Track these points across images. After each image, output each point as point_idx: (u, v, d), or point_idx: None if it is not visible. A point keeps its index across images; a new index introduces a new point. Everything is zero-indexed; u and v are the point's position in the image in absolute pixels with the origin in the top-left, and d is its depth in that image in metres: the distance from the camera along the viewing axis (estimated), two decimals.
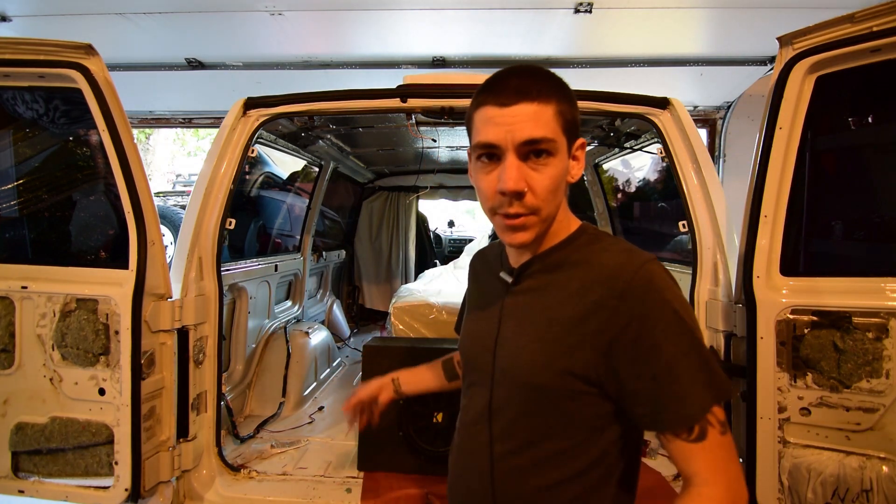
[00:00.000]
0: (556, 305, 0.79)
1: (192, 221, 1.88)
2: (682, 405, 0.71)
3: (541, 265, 0.84)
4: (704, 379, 0.71)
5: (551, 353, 0.77)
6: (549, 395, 0.78)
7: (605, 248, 0.80)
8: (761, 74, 3.36)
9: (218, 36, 3.03)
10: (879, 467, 1.35)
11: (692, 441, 0.71)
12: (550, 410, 0.79)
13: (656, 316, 0.71)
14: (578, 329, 0.75)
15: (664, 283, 0.74)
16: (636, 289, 0.72)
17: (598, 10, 2.61)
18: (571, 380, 0.76)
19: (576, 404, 0.77)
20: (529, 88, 0.73)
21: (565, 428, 0.78)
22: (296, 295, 3.61)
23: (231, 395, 2.60)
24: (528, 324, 0.82)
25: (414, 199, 5.19)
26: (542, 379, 0.78)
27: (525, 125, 0.72)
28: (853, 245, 1.58)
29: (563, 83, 0.78)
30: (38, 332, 1.63)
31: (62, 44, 1.49)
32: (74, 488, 1.64)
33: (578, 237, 0.84)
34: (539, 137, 0.73)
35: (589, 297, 0.75)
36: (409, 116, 2.43)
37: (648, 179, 3.29)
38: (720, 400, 0.72)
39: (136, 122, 4.54)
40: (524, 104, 0.73)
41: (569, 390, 0.76)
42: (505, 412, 0.83)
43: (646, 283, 0.73)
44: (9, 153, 1.75)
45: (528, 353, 0.80)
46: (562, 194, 0.80)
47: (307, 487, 1.93)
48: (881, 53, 1.32)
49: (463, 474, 0.90)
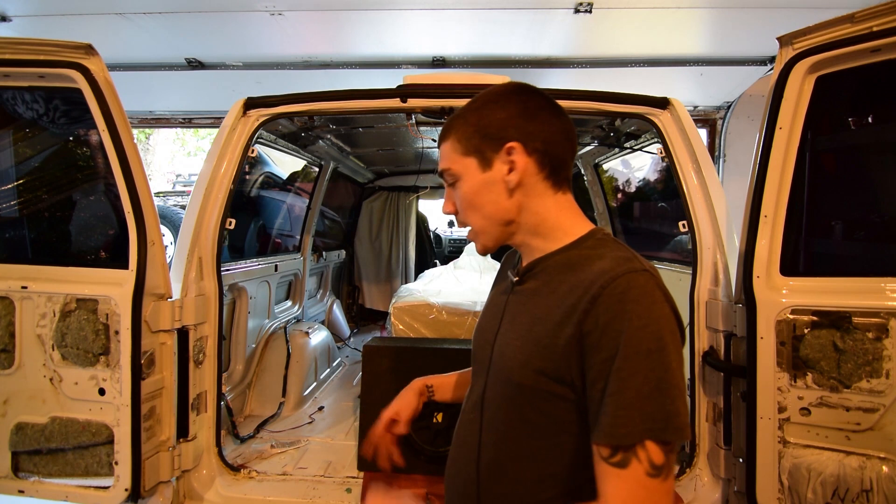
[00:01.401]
0: (542, 306, 0.80)
1: (192, 221, 1.88)
2: (610, 422, 0.67)
3: (542, 266, 0.86)
4: (647, 408, 0.66)
5: (530, 352, 0.78)
6: (526, 393, 0.79)
7: (602, 255, 0.78)
8: (761, 74, 3.36)
9: (218, 36, 3.03)
10: (879, 467, 1.35)
11: (610, 462, 0.67)
12: (527, 409, 0.80)
13: (618, 328, 0.68)
14: (555, 330, 0.75)
15: (641, 296, 0.70)
16: (609, 296, 0.70)
17: (598, 10, 2.61)
18: (545, 380, 0.76)
19: (549, 405, 0.77)
20: (441, 134, 0.91)
21: (538, 427, 0.79)
22: (296, 295, 3.61)
23: (231, 395, 2.60)
24: (518, 322, 0.84)
25: (414, 199, 5.19)
26: (519, 376, 0.80)
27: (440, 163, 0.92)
28: (853, 245, 1.58)
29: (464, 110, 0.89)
30: (38, 332, 1.63)
31: (62, 44, 1.49)
32: (74, 488, 1.64)
33: (584, 241, 0.84)
34: (442, 169, 0.91)
35: (568, 300, 0.75)
36: (409, 116, 2.43)
37: (648, 179, 3.29)
38: (658, 438, 0.65)
39: (136, 122, 4.55)
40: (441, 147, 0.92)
41: (543, 390, 0.77)
42: (491, 404, 0.87)
43: (620, 292, 0.70)
44: (9, 153, 1.75)
45: (511, 349, 0.82)
46: (491, 205, 0.86)
47: (307, 487, 1.93)
48: (881, 53, 1.32)
49: (457, 458, 0.94)
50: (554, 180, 0.85)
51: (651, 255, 3.03)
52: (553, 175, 0.85)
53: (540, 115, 0.84)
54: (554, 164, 0.84)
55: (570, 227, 0.86)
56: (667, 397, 0.66)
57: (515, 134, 0.83)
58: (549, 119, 0.85)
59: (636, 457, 0.65)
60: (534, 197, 0.85)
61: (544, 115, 0.84)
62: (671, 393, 0.67)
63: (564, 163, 0.86)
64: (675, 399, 0.67)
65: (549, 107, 0.86)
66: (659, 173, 3.12)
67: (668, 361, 0.68)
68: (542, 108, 0.85)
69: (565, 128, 0.86)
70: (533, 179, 0.84)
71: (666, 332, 0.69)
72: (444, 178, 0.91)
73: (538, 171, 0.84)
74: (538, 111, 0.84)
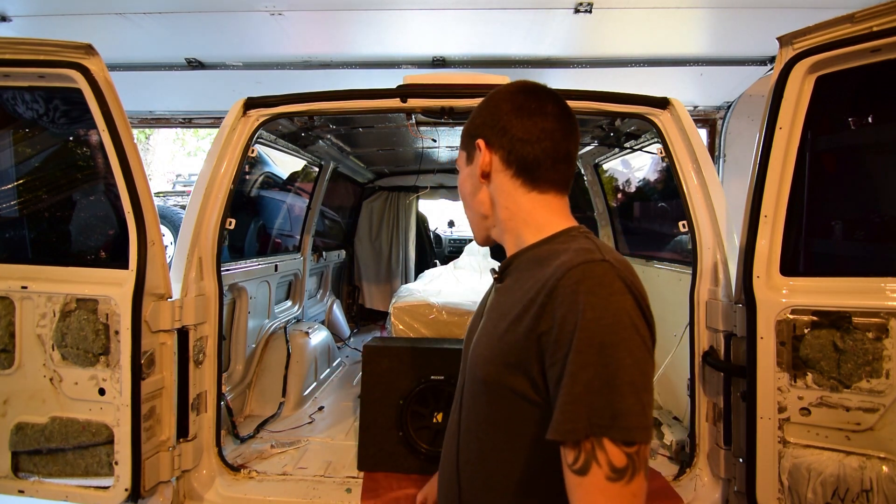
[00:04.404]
0: (511, 303, 0.79)
1: (192, 221, 1.88)
2: (558, 417, 0.64)
3: (516, 264, 0.86)
4: (595, 404, 0.62)
5: (494, 349, 0.78)
6: (490, 391, 0.79)
7: (568, 248, 0.75)
8: (761, 74, 3.36)
9: (218, 36, 3.03)
10: (879, 467, 1.35)
11: (573, 470, 0.63)
12: (493, 407, 0.79)
13: (573, 320, 0.65)
14: (517, 326, 0.74)
15: (596, 286, 0.67)
16: (563, 288, 0.68)
17: (598, 10, 2.61)
18: (508, 377, 0.74)
19: (510, 404, 0.75)
20: None
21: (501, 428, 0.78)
22: (296, 295, 3.61)
23: (231, 395, 2.60)
24: (489, 319, 0.85)
25: (414, 199, 5.19)
26: (483, 373, 0.79)
27: None
28: (853, 245, 1.58)
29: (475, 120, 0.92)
30: (38, 332, 1.63)
31: (62, 44, 1.49)
32: (74, 488, 1.64)
33: (557, 237, 0.82)
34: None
35: (528, 295, 0.73)
36: (409, 116, 2.43)
37: (648, 179, 3.29)
38: (610, 436, 0.61)
39: (136, 122, 4.54)
40: None
41: (505, 387, 0.75)
42: (466, 404, 0.88)
43: (574, 283, 0.67)
44: (9, 153, 1.75)
45: (480, 346, 0.83)
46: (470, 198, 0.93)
47: (307, 487, 1.93)
48: (881, 53, 1.32)
49: (443, 459, 0.95)
50: (526, 178, 0.84)
51: (651, 255, 3.03)
52: (523, 173, 0.84)
53: (522, 114, 0.83)
54: (521, 163, 0.84)
55: (545, 223, 0.84)
56: (617, 394, 0.62)
57: (484, 131, 0.88)
58: (531, 118, 0.83)
59: (595, 460, 0.62)
60: (503, 193, 0.86)
61: (526, 114, 0.83)
62: (623, 390, 0.62)
63: (536, 162, 0.83)
64: (625, 396, 0.62)
65: (538, 106, 0.84)
66: (659, 173, 3.12)
67: (623, 356, 0.63)
68: (525, 106, 0.84)
69: (549, 127, 0.83)
70: (500, 176, 0.86)
71: (623, 324, 0.65)
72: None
73: (504, 168, 0.85)
74: (521, 110, 0.84)
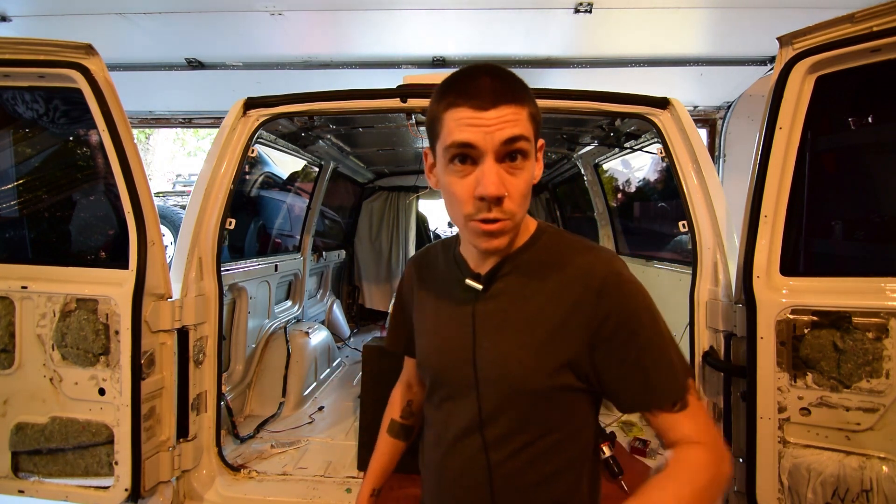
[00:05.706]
0: (537, 309, 0.80)
1: (192, 221, 1.88)
2: (670, 381, 0.78)
3: (511, 267, 0.83)
4: (677, 355, 0.79)
5: (540, 357, 0.78)
6: (544, 397, 0.79)
7: (572, 248, 0.84)
8: (761, 74, 3.36)
9: (218, 36, 3.03)
10: (879, 467, 1.35)
11: (677, 411, 0.77)
12: (548, 410, 0.80)
13: (631, 307, 0.78)
14: (562, 329, 0.78)
15: (630, 277, 0.81)
16: (610, 285, 0.78)
17: (598, 10, 2.61)
18: (563, 377, 0.79)
19: (569, 398, 0.81)
20: (506, 91, 0.73)
21: (560, 422, 0.82)
22: (296, 295, 3.61)
23: (231, 395, 2.60)
24: (510, 330, 0.81)
25: (414, 199, 5.18)
26: (534, 384, 0.78)
27: (505, 126, 0.71)
28: (853, 245, 1.58)
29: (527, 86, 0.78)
30: (38, 332, 1.63)
31: (62, 44, 1.49)
32: (74, 488, 1.64)
33: (540, 237, 0.86)
34: (518, 135, 0.72)
35: (568, 298, 0.79)
36: (409, 116, 2.43)
37: (648, 179, 3.29)
38: (687, 377, 0.79)
39: (136, 122, 4.54)
40: (503, 107, 0.72)
41: (562, 386, 0.79)
42: (499, 420, 0.81)
43: (617, 279, 0.79)
44: (9, 153, 1.75)
45: (514, 359, 0.79)
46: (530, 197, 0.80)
47: (307, 487, 1.93)
48: (881, 53, 1.31)
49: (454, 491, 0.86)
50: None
51: (651, 255, 3.03)
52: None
53: None
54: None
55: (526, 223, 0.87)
56: (675, 349, 0.80)
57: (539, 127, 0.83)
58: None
59: (689, 395, 0.78)
60: None
61: None
62: (674, 345, 0.80)
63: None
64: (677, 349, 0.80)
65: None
66: (659, 173, 3.12)
67: (662, 323, 0.81)
68: None
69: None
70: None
71: (647, 294, 0.82)
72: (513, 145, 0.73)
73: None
74: None
